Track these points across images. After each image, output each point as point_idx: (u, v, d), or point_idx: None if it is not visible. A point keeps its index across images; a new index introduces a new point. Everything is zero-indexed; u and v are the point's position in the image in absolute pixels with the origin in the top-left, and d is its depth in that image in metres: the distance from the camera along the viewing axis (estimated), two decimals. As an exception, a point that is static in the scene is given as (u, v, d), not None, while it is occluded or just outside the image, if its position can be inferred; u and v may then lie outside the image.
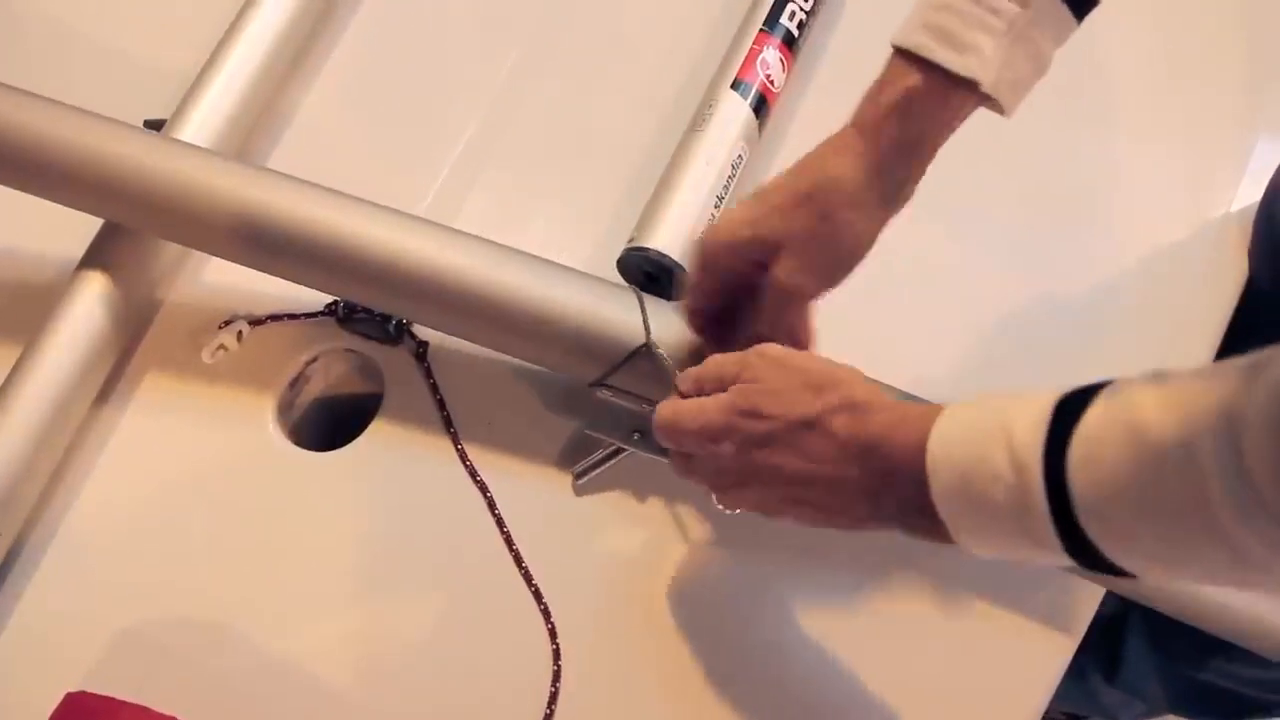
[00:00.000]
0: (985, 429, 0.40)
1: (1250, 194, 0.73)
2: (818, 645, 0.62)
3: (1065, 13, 0.47)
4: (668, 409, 0.52)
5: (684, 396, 0.53)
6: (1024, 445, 0.38)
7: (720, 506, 0.53)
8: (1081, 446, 0.37)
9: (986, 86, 0.47)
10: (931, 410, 0.44)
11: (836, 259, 0.52)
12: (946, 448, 0.42)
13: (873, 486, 0.46)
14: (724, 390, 0.50)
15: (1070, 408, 0.38)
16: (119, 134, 0.61)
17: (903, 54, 0.48)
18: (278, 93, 0.74)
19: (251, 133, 0.72)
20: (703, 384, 0.52)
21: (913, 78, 0.48)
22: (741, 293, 0.55)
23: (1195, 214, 0.73)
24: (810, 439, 0.47)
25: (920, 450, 0.43)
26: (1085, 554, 0.38)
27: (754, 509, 0.51)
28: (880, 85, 0.50)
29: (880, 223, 0.51)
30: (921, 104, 0.48)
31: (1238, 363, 0.34)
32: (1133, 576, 0.38)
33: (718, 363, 0.52)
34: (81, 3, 0.79)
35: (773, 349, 0.50)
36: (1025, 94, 0.48)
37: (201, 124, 0.68)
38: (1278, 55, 0.77)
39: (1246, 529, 0.33)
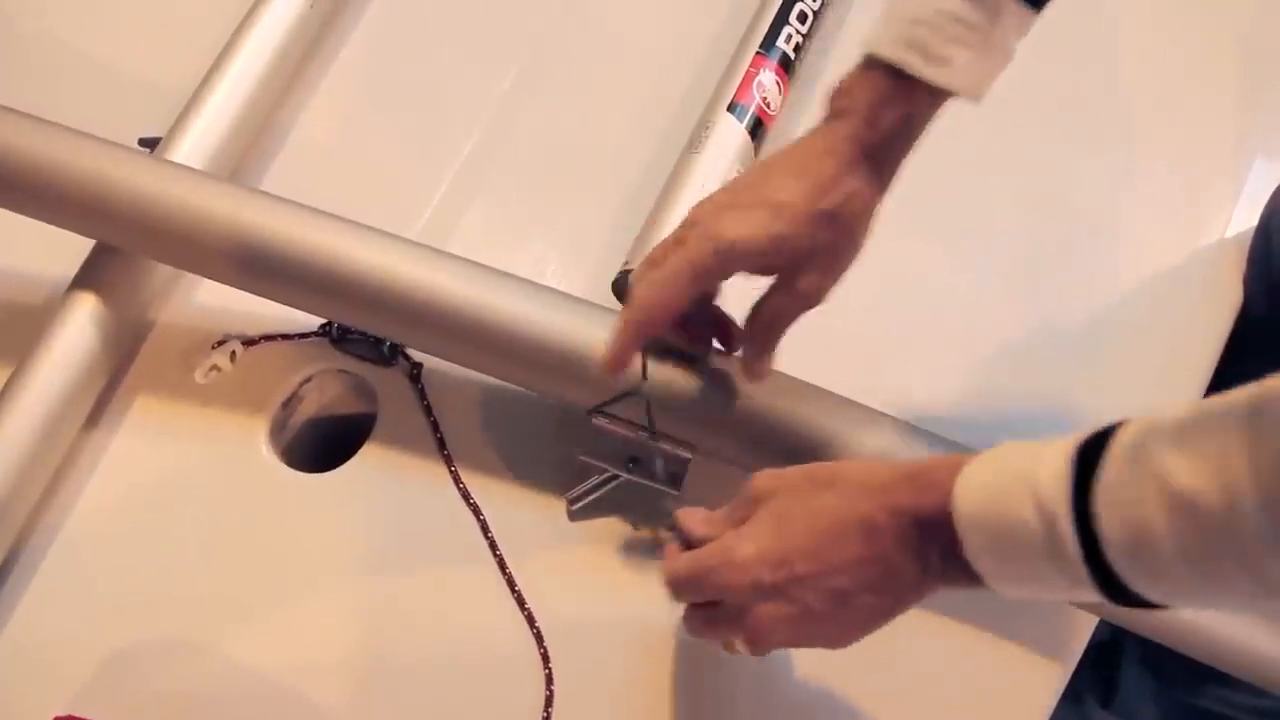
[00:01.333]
0: (1006, 486, 0.42)
1: (1246, 219, 0.73)
2: (811, 670, 0.62)
3: (1026, 10, 0.51)
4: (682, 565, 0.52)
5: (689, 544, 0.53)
6: (1051, 500, 0.40)
7: (742, 652, 0.52)
8: (1107, 496, 0.39)
9: (961, 93, 0.51)
10: (944, 466, 0.45)
11: (847, 265, 0.55)
12: (972, 507, 0.43)
13: (914, 544, 0.46)
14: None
15: (1087, 456, 0.40)
16: (113, 155, 0.61)
17: (879, 62, 0.51)
18: (274, 110, 0.74)
19: (247, 150, 0.72)
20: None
21: (892, 85, 0.51)
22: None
23: (1190, 239, 0.73)
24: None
25: (945, 510, 0.44)
26: (1115, 589, 0.40)
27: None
28: (863, 90, 0.52)
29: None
30: (904, 107, 0.51)
31: (1236, 409, 0.36)
32: (1163, 607, 0.40)
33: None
34: (77, 19, 0.79)
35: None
36: (993, 82, 0.52)
37: (197, 142, 0.68)
38: (1272, 81, 0.77)
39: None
